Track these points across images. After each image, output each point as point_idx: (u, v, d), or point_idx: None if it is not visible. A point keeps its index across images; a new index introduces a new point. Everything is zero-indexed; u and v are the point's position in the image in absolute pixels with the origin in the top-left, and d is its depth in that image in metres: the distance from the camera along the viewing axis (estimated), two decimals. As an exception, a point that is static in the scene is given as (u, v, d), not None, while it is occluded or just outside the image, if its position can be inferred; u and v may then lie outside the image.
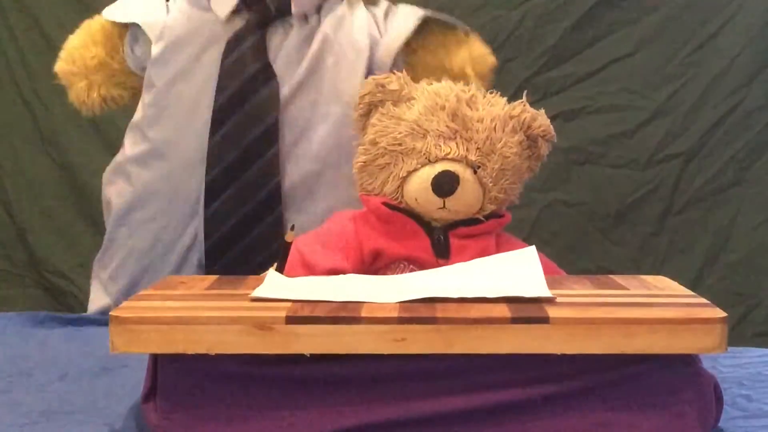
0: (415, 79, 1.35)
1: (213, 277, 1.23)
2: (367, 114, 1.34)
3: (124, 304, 1.05)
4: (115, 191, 1.54)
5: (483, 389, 1.00)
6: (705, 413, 1.02)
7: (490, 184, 1.28)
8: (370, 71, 1.48)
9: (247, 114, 1.46)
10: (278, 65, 1.48)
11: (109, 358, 1.25)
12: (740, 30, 1.80)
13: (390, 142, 1.29)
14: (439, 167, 1.26)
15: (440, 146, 1.27)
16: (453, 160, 1.27)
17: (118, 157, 1.57)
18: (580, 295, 1.09)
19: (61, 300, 1.67)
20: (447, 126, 1.27)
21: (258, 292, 1.08)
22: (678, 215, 1.82)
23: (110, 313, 1.01)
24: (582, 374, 1.00)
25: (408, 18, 1.52)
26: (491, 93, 1.33)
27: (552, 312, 0.99)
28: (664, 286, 1.16)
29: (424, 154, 1.27)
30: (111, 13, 1.55)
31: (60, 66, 1.59)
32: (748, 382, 1.23)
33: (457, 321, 0.98)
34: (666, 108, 1.81)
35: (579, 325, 0.98)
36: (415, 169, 1.28)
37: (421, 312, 0.99)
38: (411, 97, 1.31)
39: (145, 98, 1.53)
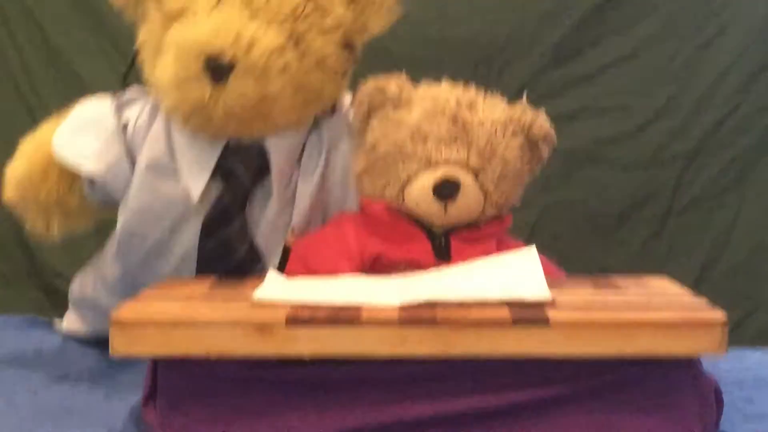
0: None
1: (213, 279, 1.23)
2: (366, 118, 1.34)
3: (124, 306, 1.05)
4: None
5: (483, 391, 1.00)
6: (705, 415, 1.02)
7: (492, 188, 1.28)
8: None
9: None
10: (261, 239, 1.35)
11: (108, 359, 1.26)
12: (741, 31, 1.79)
13: (390, 146, 1.29)
14: (440, 171, 1.26)
15: (441, 150, 1.27)
16: (454, 164, 1.27)
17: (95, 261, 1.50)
18: (581, 297, 1.10)
19: (62, 303, 1.66)
20: (447, 130, 1.27)
21: (258, 294, 1.08)
22: (679, 217, 1.81)
23: (111, 315, 1.01)
24: (582, 376, 1.00)
25: None
26: (491, 94, 1.33)
27: (552, 314, 0.99)
28: (666, 287, 1.16)
29: (425, 158, 1.27)
30: (61, 153, 1.39)
31: (9, 196, 1.42)
32: (749, 384, 1.24)
33: (457, 323, 0.98)
34: (667, 109, 1.81)
35: (580, 327, 0.98)
36: (416, 174, 1.27)
37: (421, 314, 1.00)
38: (410, 100, 1.31)
39: (114, 249, 1.41)
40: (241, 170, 1.34)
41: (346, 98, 1.46)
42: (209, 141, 1.35)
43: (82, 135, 1.39)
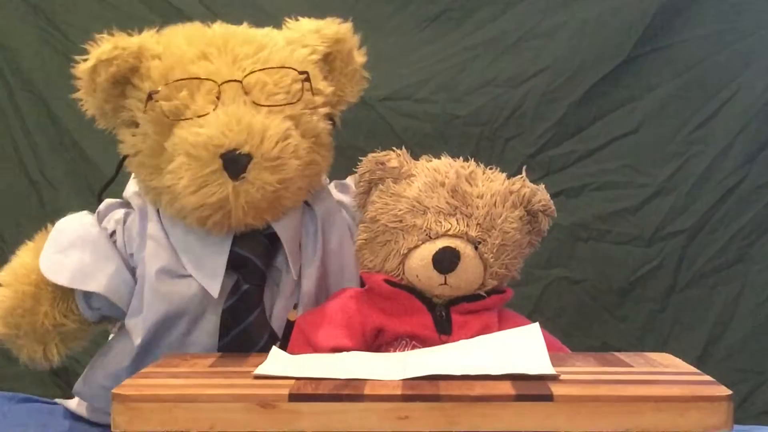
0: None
1: (216, 355, 1.23)
2: (367, 191, 1.35)
3: (126, 381, 1.05)
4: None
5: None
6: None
7: (491, 260, 1.28)
8: None
9: None
10: (276, 322, 1.35)
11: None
12: (741, 108, 1.81)
13: (390, 219, 1.30)
14: (440, 243, 1.26)
15: (440, 222, 1.27)
16: (453, 236, 1.27)
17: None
18: (585, 373, 1.09)
19: (65, 379, 1.66)
20: (447, 202, 1.28)
21: (261, 370, 1.07)
22: (682, 292, 1.81)
23: (113, 390, 1.01)
24: (587, 453, 0.99)
25: None
26: (491, 169, 1.34)
27: (556, 389, 0.99)
28: (669, 363, 1.15)
29: (425, 230, 1.27)
30: (55, 274, 1.35)
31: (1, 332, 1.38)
32: (755, 460, 1.23)
33: (461, 398, 0.98)
34: (669, 185, 1.82)
35: (584, 403, 0.98)
36: (416, 246, 1.28)
37: (424, 389, 0.99)
38: (411, 174, 1.32)
39: (127, 363, 1.37)
40: (254, 257, 1.35)
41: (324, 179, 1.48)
42: (216, 237, 1.35)
43: (71, 253, 1.37)
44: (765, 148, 1.80)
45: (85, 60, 1.34)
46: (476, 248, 1.28)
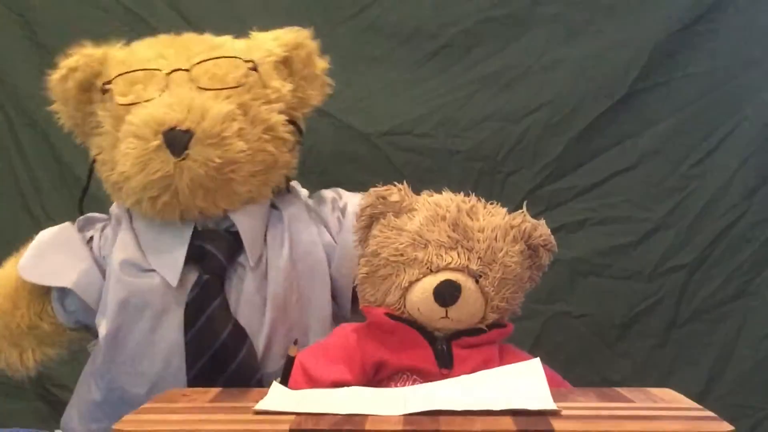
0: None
1: (216, 390, 1.23)
2: (368, 226, 1.35)
3: (126, 417, 1.05)
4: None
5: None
6: None
7: (492, 293, 1.28)
8: (333, 281, 1.45)
9: (227, 380, 1.33)
10: (242, 317, 1.37)
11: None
12: (741, 143, 1.81)
13: (391, 252, 1.30)
14: (441, 276, 1.26)
15: (442, 256, 1.27)
16: (454, 269, 1.27)
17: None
18: (586, 408, 1.09)
19: (61, 413, 1.65)
20: (448, 236, 1.28)
21: (261, 405, 1.07)
22: (683, 327, 1.81)
23: (113, 426, 1.01)
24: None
25: None
26: (492, 204, 1.34)
27: (557, 425, 0.99)
28: (671, 399, 1.15)
29: (426, 264, 1.27)
30: (30, 273, 1.41)
31: None
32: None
33: (462, 434, 0.97)
34: (669, 220, 1.82)
35: (585, 438, 0.97)
36: (417, 279, 1.28)
37: (425, 425, 0.99)
38: (412, 208, 1.32)
39: (99, 362, 1.40)
40: (214, 249, 1.38)
41: (301, 189, 1.53)
42: (177, 229, 1.39)
43: (48, 255, 1.43)
44: (764, 183, 1.81)
45: (56, 72, 1.43)
46: (477, 282, 1.28)
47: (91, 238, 1.46)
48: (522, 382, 1.15)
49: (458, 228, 1.28)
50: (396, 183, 1.35)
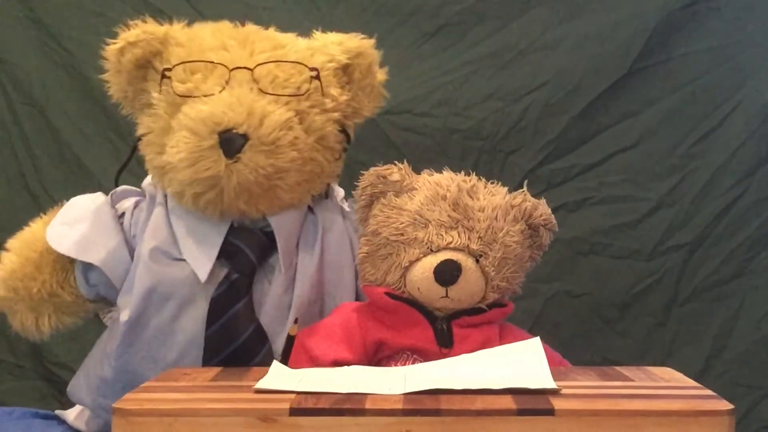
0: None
1: (216, 369, 1.23)
2: (368, 205, 1.35)
3: (127, 395, 1.05)
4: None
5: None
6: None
7: (493, 273, 1.28)
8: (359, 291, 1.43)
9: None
10: (265, 319, 1.36)
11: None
12: (742, 122, 1.81)
13: (392, 232, 1.30)
14: (442, 256, 1.26)
15: (442, 235, 1.27)
16: (455, 249, 1.27)
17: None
18: (586, 387, 1.09)
19: (64, 393, 1.65)
20: (448, 215, 1.28)
21: (262, 384, 1.07)
22: (683, 306, 1.81)
23: (113, 405, 1.01)
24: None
25: None
26: (492, 183, 1.34)
27: (557, 404, 0.99)
28: (670, 377, 1.15)
29: (426, 243, 1.27)
30: (58, 243, 1.39)
31: None
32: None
33: (462, 413, 0.98)
34: (669, 199, 1.82)
35: (585, 417, 0.97)
36: (418, 259, 1.28)
37: (425, 403, 0.99)
38: (412, 188, 1.32)
39: (116, 344, 1.37)
40: (247, 249, 1.37)
41: (339, 189, 1.52)
42: (213, 223, 1.38)
43: (77, 226, 1.41)
44: (765, 162, 1.81)
45: (115, 43, 1.40)
46: (477, 261, 1.28)
47: (122, 214, 1.44)
48: (522, 361, 1.15)
49: (459, 207, 1.28)
50: (396, 162, 1.35)
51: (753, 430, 1.70)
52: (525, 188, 1.34)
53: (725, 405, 0.99)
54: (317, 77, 1.39)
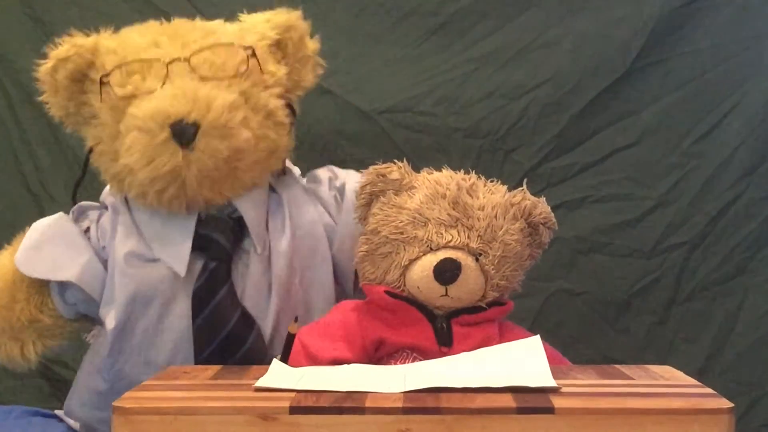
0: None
1: (216, 367, 1.23)
2: (368, 204, 1.35)
3: (127, 394, 1.05)
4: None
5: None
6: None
7: (492, 272, 1.28)
8: (335, 261, 1.45)
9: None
10: (249, 302, 1.38)
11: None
12: (742, 120, 1.81)
13: (391, 230, 1.30)
14: (441, 255, 1.26)
15: (442, 234, 1.27)
16: (455, 247, 1.27)
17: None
18: (586, 385, 1.09)
19: (63, 391, 1.65)
20: (448, 214, 1.28)
21: (262, 382, 1.07)
22: (683, 304, 1.81)
23: (113, 403, 1.01)
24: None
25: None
26: (492, 181, 1.34)
27: (557, 402, 0.99)
28: (670, 376, 1.15)
29: (426, 242, 1.27)
30: (30, 268, 1.39)
31: None
32: (757, 473, 1.22)
33: (462, 411, 0.98)
34: (669, 197, 1.82)
35: (585, 416, 0.98)
36: (417, 257, 1.28)
37: (425, 402, 0.99)
38: (412, 186, 1.32)
39: (105, 354, 1.39)
40: (219, 236, 1.38)
41: (294, 168, 1.53)
42: (181, 219, 1.39)
43: (45, 247, 1.41)
44: (765, 160, 1.81)
45: (46, 62, 1.41)
46: (477, 260, 1.28)
47: (88, 228, 1.45)
48: (522, 360, 1.15)
49: (458, 206, 1.28)
50: (396, 161, 1.35)
51: (753, 429, 1.70)
52: (525, 186, 1.34)
53: (725, 403, 0.99)
54: (253, 55, 1.40)
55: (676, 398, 1.01)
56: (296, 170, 1.54)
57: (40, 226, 1.44)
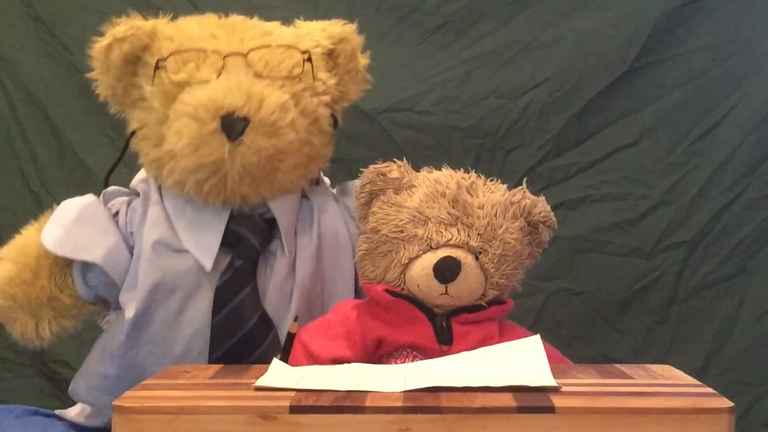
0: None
1: (217, 367, 1.23)
2: (368, 202, 1.35)
3: (127, 393, 1.05)
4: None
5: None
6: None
7: (492, 270, 1.28)
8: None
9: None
10: (269, 305, 1.38)
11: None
12: (742, 120, 1.81)
13: (391, 229, 1.30)
14: (441, 253, 1.26)
15: (441, 233, 1.27)
16: (454, 246, 1.27)
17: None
18: (586, 385, 1.09)
19: (63, 391, 1.65)
20: (448, 212, 1.28)
21: (262, 381, 1.07)
22: (683, 304, 1.81)
23: (113, 402, 1.01)
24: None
25: None
26: (492, 180, 1.34)
27: (557, 401, 0.99)
28: (670, 375, 1.15)
29: (426, 240, 1.27)
30: (56, 245, 1.38)
31: None
32: (757, 473, 1.22)
33: (462, 410, 0.98)
34: (669, 197, 1.82)
35: (585, 415, 0.97)
36: (417, 256, 1.28)
37: (425, 401, 0.99)
38: (412, 185, 1.32)
39: (121, 340, 1.38)
40: (249, 235, 1.39)
41: (326, 179, 1.54)
42: (213, 212, 1.39)
43: (73, 227, 1.41)
44: (765, 160, 1.81)
45: (102, 40, 1.41)
46: (477, 258, 1.28)
47: (117, 212, 1.44)
48: (522, 359, 1.15)
49: (458, 204, 1.28)
50: (396, 159, 1.35)
51: (753, 428, 1.70)
52: (524, 185, 1.34)
53: (725, 403, 0.99)
54: (309, 60, 1.41)
55: (676, 397, 1.01)
56: (327, 181, 1.55)
57: (70, 204, 1.44)
